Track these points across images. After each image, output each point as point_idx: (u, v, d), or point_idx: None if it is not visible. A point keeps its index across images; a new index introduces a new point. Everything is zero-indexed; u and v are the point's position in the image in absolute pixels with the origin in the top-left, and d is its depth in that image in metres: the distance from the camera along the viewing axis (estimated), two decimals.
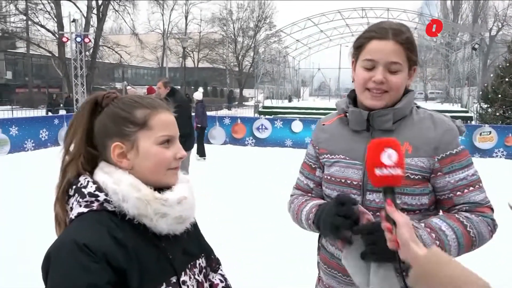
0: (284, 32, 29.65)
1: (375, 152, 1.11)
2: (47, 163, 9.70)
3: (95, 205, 0.99)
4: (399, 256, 1.04)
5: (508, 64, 15.88)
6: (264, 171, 9.22)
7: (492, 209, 1.37)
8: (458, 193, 1.35)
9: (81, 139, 1.06)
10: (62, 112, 21.13)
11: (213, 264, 1.29)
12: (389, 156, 1.09)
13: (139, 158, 1.05)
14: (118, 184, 1.00)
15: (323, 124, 1.57)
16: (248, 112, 24.45)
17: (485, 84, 17.96)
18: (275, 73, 33.61)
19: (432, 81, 54.36)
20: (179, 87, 39.09)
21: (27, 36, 31.54)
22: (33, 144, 12.06)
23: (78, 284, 0.89)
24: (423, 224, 1.30)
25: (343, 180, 1.42)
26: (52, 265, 0.93)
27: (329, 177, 1.47)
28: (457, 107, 25.33)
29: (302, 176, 1.61)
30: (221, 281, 1.27)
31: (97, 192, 1.00)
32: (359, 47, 1.40)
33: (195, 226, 1.19)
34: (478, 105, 18.24)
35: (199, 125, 10.40)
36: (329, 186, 1.47)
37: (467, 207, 1.34)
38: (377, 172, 1.09)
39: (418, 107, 1.47)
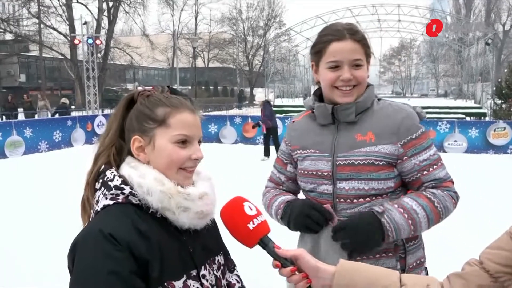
0: (294, 31, 29.60)
1: (239, 210, 1.05)
2: (60, 164, 9.85)
3: (121, 198, 1.03)
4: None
5: None
6: None
7: (453, 182, 1.52)
8: (425, 172, 1.47)
9: (115, 131, 1.13)
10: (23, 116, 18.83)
11: (230, 264, 1.31)
12: (250, 208, 1.06)
13: (154, 154, 1.09)
14: (143, 178, 1.04)
15: (293, 121, 1.70)
16: (259, 111, 24.41)
17: (499, 80, 17.69)
18: (286, 72, 33.57)
19: (444, 77, 53.76)
20: (189, 87, 39.25)
21: (40, 39, 31.93)
22: (47, 146, 12.23)
23: (101, 271, 0.92)
24: (396, 205, 1.43)
25: (315, 172, 1.53)
26: (78, 252, 0.97)
27: (302, 171, 1.58)
28: (470, 103, 25.01)
29: (275, 169, 1.75)
30: (238, 282, 1.30)
31: (122, 185, 1.04)
32: (318, 51, 1.50)
33: (214, 224, 1.22)
34: (492, 101, 17.99)
35: (268, 127, 10.29)
36: (303, 180, 1.58)
37: (433, 184, 1.48)
38: (251, 226, 1.03)
39: (379, 99, 1.58)
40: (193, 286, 1.06)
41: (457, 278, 0.95)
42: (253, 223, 1.03)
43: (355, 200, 1.46)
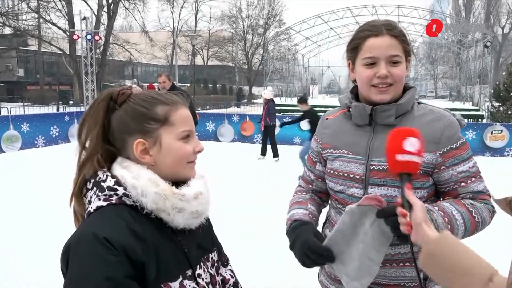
0: (293, 30, 29.60)
1: (397, 139, 1.16)
2: (57, 160, 9.82)
3: (114, 199, 1.01)
4: (411, 240, 1.11)
5: None
6: (273, 168, 9.22)
7: (490, 196, 1.45)
8: (462, 184, 1.41)
9: (98, 137, 1.07)
10: None
11: (223, 258, 1.32)
12: (412, 144, 1.14)
13: (162, 154, 1.07)
14: (137, 179, 1.02)
15: (326, 119, 1.61)
16: (257, 110, 24.42)
17: (497, 82, 17.74)
18: (285, 71, 33.60)
19: (443, 79, 53.87)
20: (188, 84, 39.21)
21: (39, 34, 31.86)
22: (44, 141, 12.19)
23: (97, 277, 0.90)
24: (436, 208, 1.34)
25: (346, 174, 1.47)
26: (71, 257, 0.94)
27: (332, 171, 1.51)
28: (468, 105, 25.06)
29: (305, 167, 1.70)
30: (232, 276, 1.30)
31: (116, 186, 1.02)
32: (355, 48, 1.44)
33: (208, 221, 1.22)
34: (490, 104, 18.03)
35: (272, 124, 10.30)
36: (333, 180, 1.52)
37: (471, 196, 1.42)
38: (399, 157, 1.14)
39: (419, 102, 1.50)
40: (189, 286, 1.05)
41: None
42: (402, 157, 1.13)
43: None
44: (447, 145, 1.40)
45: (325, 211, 1.67)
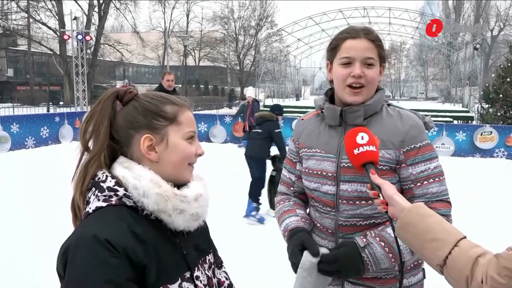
0: (285, 31, 29.64)
1: (351, 138, 1.32)
2: (47, 161, 9.73)
3: (114, 200, 1.00)
4: (389, 216, 1.19)
5: (509, 64, 15.83)
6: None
7: (449, 203, 1.48)
8: (418, 184, 1.47)
9: (105, 134, 1.06)
10: None
11: (218, 260, 1.32)
12: (362, 138, 1.30)
13: (167, 152, 1.08)
14: (139, 180, 1.02)
15: (302, 119, 1.71)
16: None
17: (487, 84, 17.92)
18: (276, 72, 33.63)
19: (433, 80, 54.34)
20: (180, 85, 39.12)
21: (29, 33, 31.53)
22: (34, 142, 12.08)
23: (98, 279, 0.89)
24: (378, 238, 1.42)
25: (319, 172, 1.54)
26: (71, 258, 0.92)
27: (306, 170, 1.59)
28: (458, 107, 25.29)
29: (285, 170, 1.74)
30: (226, 278, 1.31)
31: (116, 187, 1.01)
32: (334, 48, 1.53)
33: (205, 223, 1.23)
34: (479, 105, 18.24)
35: (250, 125, 10.25)
36: (307, 178, 1.59)
37: (423, 201, 1.42)
38: (355, 151, 1.29)
39: (389, 104, 1.59)
40: None
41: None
42: (358, 150, 1.29)
43: (357, 202, 1.47)
44: (411, 143, 1.47)
45: None
